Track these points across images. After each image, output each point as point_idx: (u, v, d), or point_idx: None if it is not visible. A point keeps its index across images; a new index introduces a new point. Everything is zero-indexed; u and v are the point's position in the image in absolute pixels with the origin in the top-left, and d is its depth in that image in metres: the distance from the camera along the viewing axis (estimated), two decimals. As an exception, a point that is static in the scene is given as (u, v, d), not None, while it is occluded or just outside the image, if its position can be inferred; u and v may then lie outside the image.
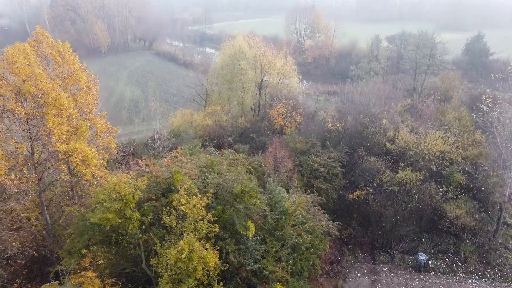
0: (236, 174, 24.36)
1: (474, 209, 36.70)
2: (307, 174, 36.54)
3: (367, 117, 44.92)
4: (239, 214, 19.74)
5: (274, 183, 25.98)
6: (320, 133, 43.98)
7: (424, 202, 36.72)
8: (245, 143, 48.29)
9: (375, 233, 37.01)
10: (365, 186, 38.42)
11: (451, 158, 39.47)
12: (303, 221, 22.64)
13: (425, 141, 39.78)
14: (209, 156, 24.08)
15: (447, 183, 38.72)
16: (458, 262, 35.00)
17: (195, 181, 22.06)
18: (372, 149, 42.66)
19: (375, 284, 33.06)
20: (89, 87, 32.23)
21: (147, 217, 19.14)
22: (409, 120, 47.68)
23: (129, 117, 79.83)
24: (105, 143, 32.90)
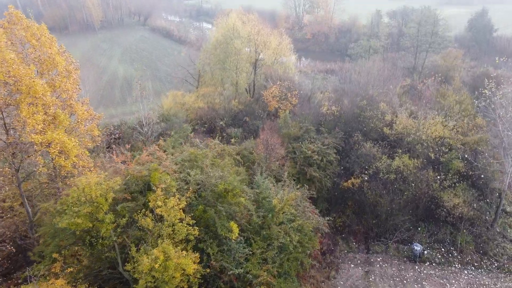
0: (221, 168, 22.96)
1: (473, 198, 35.52)
2: (300, 162, 35.16)
3: (364, 100, 43.15)
4: (221, 214, 18.46)
5: (262, 177, 24.62)
6: (315, 117, 42.34)
7: (421, 191, 35.51)
8: (237, 127, 46.69)
9: (369, 222, 35.98)
10: (361, 173, 37.10)
11: (450, 144, 38.02)
12: (291, 218, 21.40)
13: (424, 126, 38.20)
14: (192, 149, 22.59)
15: (445, 170, 37.40)
16: (454, 252, 34.09)
17: (176, 178, 20.68)
18: (369, 134, 41.14)
19: (369, 275, 32.22)
20: (68, 72, 30.40)
21: (122, 219, 17.85)
22: (408, 103, 45.91)
23: (121, 97, 77.82)
24: (88, 131, 31.37)
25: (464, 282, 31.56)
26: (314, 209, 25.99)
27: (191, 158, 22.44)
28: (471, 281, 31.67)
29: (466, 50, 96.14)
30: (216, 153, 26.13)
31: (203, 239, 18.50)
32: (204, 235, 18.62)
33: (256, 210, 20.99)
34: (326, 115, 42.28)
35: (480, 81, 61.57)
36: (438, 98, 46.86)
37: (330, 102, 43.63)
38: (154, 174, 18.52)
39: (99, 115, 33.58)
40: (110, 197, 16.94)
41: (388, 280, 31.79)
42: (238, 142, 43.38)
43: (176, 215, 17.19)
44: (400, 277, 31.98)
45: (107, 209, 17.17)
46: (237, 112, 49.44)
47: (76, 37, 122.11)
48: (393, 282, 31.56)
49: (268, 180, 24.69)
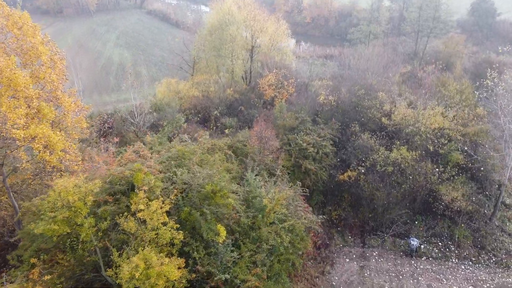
0: (210, 166, 22.04)
1: (472, 191, 34.73)
2: (295, 154, 34.24)
3: (362, 89, 41.94)
4: (207, 218, 17.61)
5: (253, 173, 23.71)
6: (311, 106, 41.22)
7: (418, 183, 34.68)
8: (233, 116, 45.64)
9: (366, 215, 35.29)
10: (358, 165, 36.21)
11: (450, 136, 37.02)
12: (282, 218, 20.60)
13: (423, 117, 37.12)
14: (180, 146, 21.60)
15: (444, 162, 36.50)
16: (451, 246, 33.49)
17: (161, 177, 19.77)
18: (367, 124, 40.09)
19: (364, 270, 31.68)
20: (54, 62, 29.21)
21: (104, 223, 17.02)
22: (407, 93, 44.69)
23: (116, 83, 76.35)
24: (75, 123, 30.35)
25: (461, 278, 31.03)
26: (307, 207, 25.16)
27: (179, 155, 21.49)
28: (468, 277, 31.13)
29: (469, 34, 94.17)
30: (206, 148, 25.15)
31: (189, 243, 17.72)
32: (190, 239, 17.83)
33: (245, 210, 20.16)
34: (323, 105, 41.15)
35: (482, 68, 60.23)
36: (439, 87, 45.63)
37: (327, 91, 42.41)
38: (137, 175, 17.62)
39: (86, 106, 32.52)
40: (89, 200, 16.06)
41: (383, 275, 31.24)
42: (233, 132, 42.43)
43: (159, 219, 16.35)
44: (396, 272, 31.43)
45: (87, 213, 16.31)
46: (232, 101, 48.30)
47: (71, 21, 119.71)
48: (388, 277, 31.02)
49: (260, 176, 23.79)
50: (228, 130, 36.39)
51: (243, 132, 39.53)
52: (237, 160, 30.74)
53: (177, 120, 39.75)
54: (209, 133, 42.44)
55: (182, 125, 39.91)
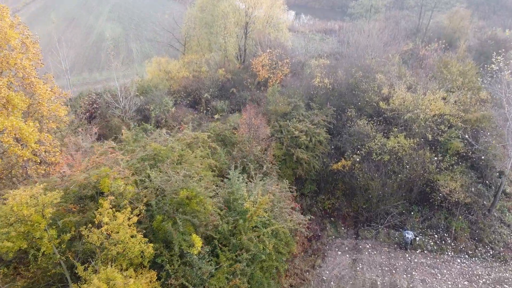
0: (189, 165, 20.46)
1: (471, 181, 33.25)
2: (287, 142, 32.58)
3: (360, 71, 39.79)
4: (181, 228, 16.17)
5: (237, 171, 22.15)
6: (306, 90, 39.20)
7: (416, 173, 33.13)
8: (225, 99, 43.77)
9: (360, 206, 33.98)
10: (353, 153, 34.58)
11: (450, 122, 35.20)
12: (265, 223, 19.21)
13: (423, 103, 35.16)
14: (155, 145, 19.91)
15: (443, 150, 34.86)
16: (447, 239, 32.33)
17: (133, 181, 18.23)
18: (363, 109, 38.20)
19: (356, 264, 30.63)
20: (26, 46, 27.17)
21: (67, 234, 15.61)
22: (407, 75, 42.48)
23: (107, 60, 73.74)
24: (52, 112, 28.58)
25: (456, 272, 29.99)
26: (295, 205, 23.73)
27: (156, 152, 19.88)
28: (463, 271, 30.09)
29: (475, 8, 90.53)
30: (187, 143, 23.47)
31: (162, 253, 16.39)
32: (164, 249, 16.49)
33: (225, 215, 18.73)
34: (318, 88, 39.11)
35: (487, 45, 57.73)
36: (441, 68, 43.36)
37: (323, 73, 40.25)
38: (103, 181, 16.09)
39: (65, 93, 30.69)
40: (48, 213, 14.59)
41: (376, 269, 30.21)
42: (224, 117, 40.70)
43: (126, 232, 14.93)
44: (389, 266, 30.38)
45: (46, 225, 14.86)
46: (224, 81, 46.27)
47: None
48: (381, 271, 29.99)
49: (245, 174, 22.23)
50: (217, 115, 34.58)
51: (233, 116, 37.82)
52: (224, 151, 29.18)
53: (165, 104, 37.91)
54: (200, 117, 40.76)
55: (170, 109, 38.11)
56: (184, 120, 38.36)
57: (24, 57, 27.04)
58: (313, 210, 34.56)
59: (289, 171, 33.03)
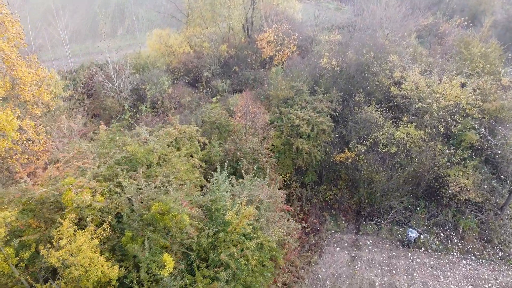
0: (170, 167, 18.77)
1: (484, 177, 30.92)
2: (286, 131, 30.51)
3: (371, 52, 36.79)
4: (151, 247, 14.70)
5: (224, 174, 20.39)
6: (311, 72, 36.52)
7: (425, 167, 30.92)
8: (227, 77, 41.43)
9: (362, 200, 32.16)
10: (358, 143, 32.37)
11: (466, 111, 32.45)
12: (249, 235, 17.62)
13: (437, 90, 32.30)
14: (131, 147, 18.07)
15: (457, 142, 32.35)
16: (454, 238, 30.49)
17: (106, 187, 16.67)
18: (373, 94, 35.54)
19: (355, 262, 29.21)
20: (5, 26, 25.25)
21: (26, 252, 14.31)
22: (423, 55, 39.23)
23: (112, 28, 71.22)
24: (36, 97, 26.95)
25: (460, 275, 28.36)
26: (287, 209, 22.00)
27: (133, 155, 18.17)
28: (468, 274, 28.43)
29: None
30: (172, 140, 21.61)
31: (131, 273, 15.05)
32: (133, 268, 15.14)
33: (205, 226, 17.17)
34: (324, 69, 36.37)
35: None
36: (461, 49, 39.90)
37: (331, 53, 37.37)
38: (66, 194, 14.59)
39: (50, 74, 28.95)
40: (2, 232, 13.23)
41: (375, 268, 28.78)
42: (225, 97, 38.63)
43: (86, 256, 13.53)
44: (390, 266, 28.90)
45: (1, 245, 13.55)
46: (227, 58, 43.74)
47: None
48: (380, 271, 28.56)
49: (230, 179, 20.48)
50: (215, 99, 32.49)
51: (234, 98, 35.75)
52: (218, 142, 27.37)
53: (161, 84, 35.90)
54: (199, 97, 38.74)
55: (166, 89, 36.12)
56: (181, 102, 36.46)
57: (4, 38, 25.23)
58: (313, 201, 32.97)
59: (289, 161, 31.21)
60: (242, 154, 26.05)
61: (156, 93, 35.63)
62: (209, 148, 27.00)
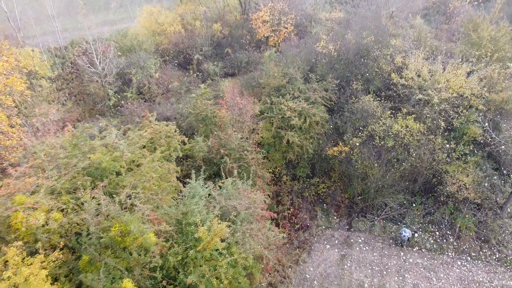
0: (139, 176, 17.36)
1: (486, 174, 29.29)
2: (277, 123, 28.82)
3: (372, 36, 34.37)
4: (110, 273, 13.51)
5: (200, 180, 18.94)
6: (307, 55, 34.29)
7: (423, 162, 29.26)
8: (219, 60, 39.31)
9: (355, 196, 30.77)
10: (353, 136, 30.65)
11: (470, 103, 30.42)
12: (222, 252, 16.38)
13: (441, 79, 30.14)
14: (96, 156, 16.44)
15: (459, 135, 30.53)
16: (450, 237, 29.20)
17: (65, 202, 15.34)
18: (372, 81, 33.45)
19: (344, 261, 28.15)
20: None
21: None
22: (429, 37, 36.67)
23: (106, 1, 68.15)
24: (7, 87, 25.39)
25: (454, 277, 27.24)
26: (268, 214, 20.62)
27: (99, 162, 16.71)
28: (462, 276, 27.30)
29: None
30: (145, 142, 20.04)
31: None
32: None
33: (175, 243, 15.93)
34: (321, 54, 34.13)
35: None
36: (469, 31, 37.23)
37: (329, 36, 35.00)
38: (14, 216, 13.28)
39: (24, 62, 27.25)
40: None
41: (365, 268, 27.73)
42: (216, 82, 36.78)
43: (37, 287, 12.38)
44: (381, 266, 27.81)
45: None
46: (220, 38, 41.41)
47: None
48: (370, 271, 27.51)
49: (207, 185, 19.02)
50: (203, 85, 30.62)
51: (225, 83, 33.94)
52: (201, 136, 25.86)
53: (148, 67, 34.00)
54: (189, 81, 36.96)
55: (153, 74, 34.25)
56: (169, 87, 34.67)
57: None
58: (304, 195, 31.62)
59: (279, 154, 29.70)
60: (226, 151, 24.55)
61: (142, 78, 33.79)
62: (193, 143, 25.52)
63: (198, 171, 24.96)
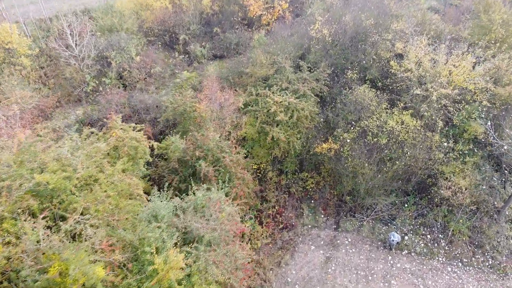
0: (92, 195, 15.81)
1: (484, 175, 27.41)
2: (261, 118, 26.84)
3: (371, 19, 31.49)
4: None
5: (164, 195, 17.34)
6: (299, 39, 31.66)
7: (417, 162, 27.34)
8: (206, 41, 36.74)
9: (344, 194, 29.18)
10: (344, 131, 28.62)
11: (474, 97, 28.07)
12: (181, 283, 15.05)
13: (443, 72, 27.62)
14: (41, 177, 14.70)
15: (459, 132, 28.40)
16: (442, 241, 27.75)
17: (8, 228, 13.92)
18: (369, 70, 30.94)
19: (329, 264, 26.96)
20: None
21: None
22: (435, 19, 33.62)
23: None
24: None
25: (443, 284, 26.01)
26: (241, 230, 19.13)
27: (46, 185, 15.06)
28: (452, 283, 26.06)
29: None
30: (107, 150, 18.27)
31: None
32: None
33: (129, 272, 14.60)
34: (315, 39, 31.43)
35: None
36: (480, 12, 34.04)
37: (325, 18, 32.13)
38: None
39: None
40: None
41: (350, 272, 26.56)
42: (204, 65, 34.54)
43: None
44: (366, 270, 26.60)
45: None
46: (210, 15, 38.57)
47: None
48: (355, 276, 26.35)
49: (173, 199, 17.41)
50: (186, 72, 28.52)
51: (213, 65, 31.79)
52: (178, 134, 24.11)
53: (128, 51, 31.72)
54: (175, 63, 34.78)
55: (134, 57, 32.00)
56: (151, 72, 32.53)
57: None
58: (291, 191, 30.10)
59: (263, 151, 27.93)
60: (203, 152, 22.83)
61: (122, 62, 31.58)
62: (168, 142, 23.83)
63: (173, 173, 23.49)
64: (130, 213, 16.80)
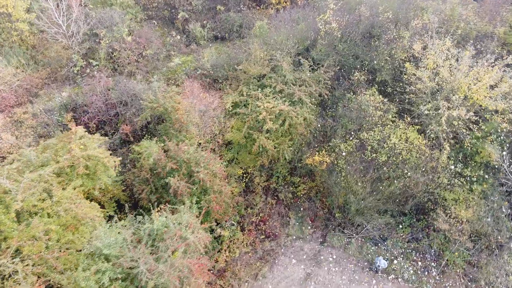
0: (25, 234, 14.61)
1: (491, 207, 24.70)
2: (249, 123, 24.61)
3: (389, 11, 27.62)
4: None
5: (121, 223, 15.91)
6: (304, 32, 28.33)
7: (417, 186, 24.80)
8: (208, 19, 33.70)
9: (335, 208, 27.21)
10: (342, 141, 26.07)
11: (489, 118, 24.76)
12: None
13: (460, 85, 24.19)
14: None
15: (470, 153, 25.38)
16: (433, 270, 25.76)
17: None
18: (379, 72, 27.59)
19: (308, 282, 25.60)
20: None
21: None
22: (462, 20, 29.22)
23: None
24: None
25: (426, 318, 24.49)
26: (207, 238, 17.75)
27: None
28: (436, 319, 24.49)
29: None
30: (61, 169, 16.67)
31: None
32: None
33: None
34: (323, 32, 27.97)
35: None
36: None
37: (338, 5, 28.43)
38: None
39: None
40: None
41: (330, 293, 25.29)
42: (203, 47, 32.06)
43: None
44: (346, 293, 25.24)
45: None
46: (215, -11, 35.06)
47: None
48: (335, 298, 25.10)
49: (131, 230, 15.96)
50: (177, 59, 26.20)
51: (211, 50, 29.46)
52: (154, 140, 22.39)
53: (117, 31, 29.36)
54: (172, 43, 32.45)
55: (124, 37, 29.66)
56: (143, 54, 30.32)
57: None
58: (280, 196, 28.33)
59: (250, 157, 25.96)
60: (176, 164, 21.13)
61: (112, 42, 29.32)
62: (141, 147, 22.21)
63: (144, 183, 22.09)
64: (73, 248, 15.54)
